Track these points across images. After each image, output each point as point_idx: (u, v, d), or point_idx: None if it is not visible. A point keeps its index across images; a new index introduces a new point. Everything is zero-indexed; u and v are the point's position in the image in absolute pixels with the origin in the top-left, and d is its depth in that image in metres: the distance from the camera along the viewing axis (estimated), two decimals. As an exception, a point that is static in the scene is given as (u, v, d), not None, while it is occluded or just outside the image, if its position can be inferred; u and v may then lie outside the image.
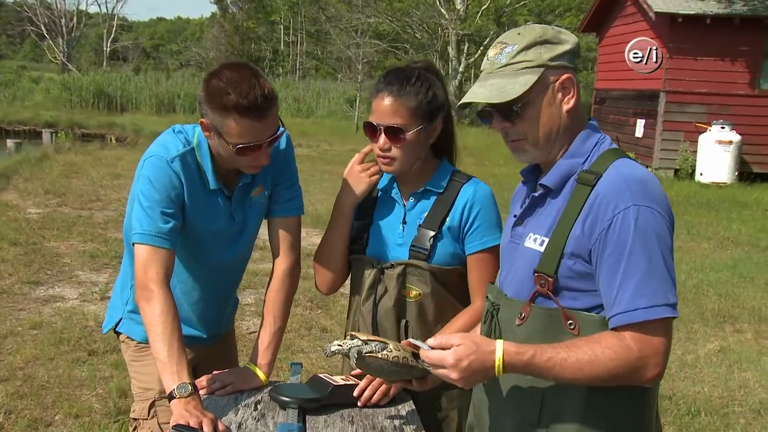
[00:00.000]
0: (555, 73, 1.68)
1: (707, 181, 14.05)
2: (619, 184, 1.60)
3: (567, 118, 1.70)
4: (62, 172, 12.88)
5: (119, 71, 35.07)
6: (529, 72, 1.66)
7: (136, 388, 2.38)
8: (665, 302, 1.55)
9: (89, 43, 59.47)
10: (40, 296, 6.28)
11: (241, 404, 2.05)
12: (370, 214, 2.31)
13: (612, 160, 1.66)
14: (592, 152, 1.70)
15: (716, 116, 14.49)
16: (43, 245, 7.90)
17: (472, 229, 2.20)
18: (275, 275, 2.29)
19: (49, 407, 4.22)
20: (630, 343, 1.54)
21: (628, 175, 1.62)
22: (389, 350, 1.78)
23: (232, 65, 2.10)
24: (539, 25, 1.74)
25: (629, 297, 1.54)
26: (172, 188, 2.10)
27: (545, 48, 1.67)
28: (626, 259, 1.55)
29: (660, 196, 1.62)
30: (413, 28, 30.55)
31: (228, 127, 2.03)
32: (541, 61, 1.67)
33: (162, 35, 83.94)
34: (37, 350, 5.01)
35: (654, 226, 1.56)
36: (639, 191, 1.58)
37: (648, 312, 1.54)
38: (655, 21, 14.96)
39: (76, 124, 23.05)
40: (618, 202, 1.57)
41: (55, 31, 45.57)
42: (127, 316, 2.39)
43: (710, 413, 4.49)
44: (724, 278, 7.54)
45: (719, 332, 5.97)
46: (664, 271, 1.56)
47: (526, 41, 1.68)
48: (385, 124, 2.13)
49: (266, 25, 49.91)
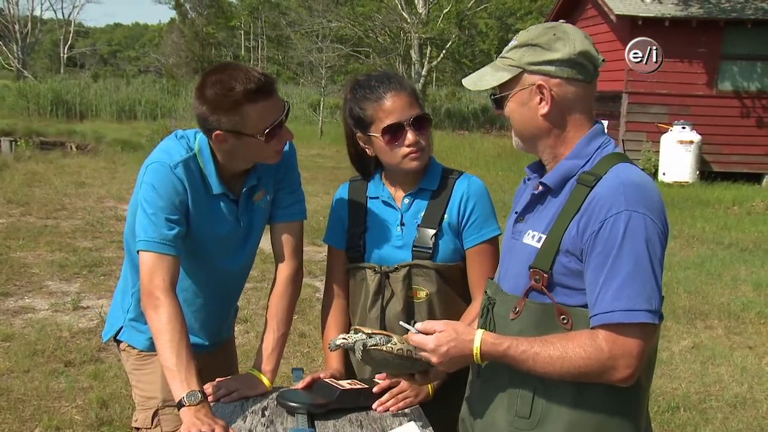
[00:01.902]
0: (530, 77, 1.71)
1: (670, 181, 14.29)
2: (615, 187, 1.62)
3: (544, 122, 1.73)
4: (24, 181, 12.61)
5: (77, 78, 34.47)
6: (506, 70, 1.75)
7: (138, 397, 2.35)
8: (646, 308, 1.57)
9: (44, 49, 58.34)
10: (10, 307, 6.14)
11: (248, 411, 2.04)
12: (363, 222, 2.30)
13: (613, 163, 1.69)
14: (595, 154, 1.73)
15: (677, 117, 14.75)
16: (9, 256, 7.73)
17: (470, 222, 2.22)
18: (278, 281, 2.28)
19: (27, 420, 4.13)
20: (602, 344, 1.58)
21: (626, 179, 1.64)
22: (393, 343, 1.80)
23: (213, 70, 2.10)
24: (547, 26, 1.75)
25: (609, 298, 1.57)
26: (175, 194, 2.08)
27: (531, 51, 1.70)
28: (612, 260, 1.58)
29: (655, 204, 1.63)
30: (375, 32, 30.57)
31: (247, 119, 2.03)
32: (519, 63, 1.72)
33: (119, 41, 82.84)
34: (11, 363, 4.90)
35: (644, 232, 1.58)
36: (634, 197, 1.60)
37: (626, 315, 1.57)
38: (616, 23, 15.20)
39: (35, 132, 22.58)
40: (612, 205, 1.60)
41: (9, 37, 44.67)
42: (128, 324, 2.35)
43: (689, 409, 4.57)
44: (692, 276, 7.68)
45: (691, 329, 6.08)
46: (649, 277, 1.58)
47: (520, 40, 1.75)
48: (411, 117, 2.16)
49: (226, 31, 49.53)
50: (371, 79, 2.21)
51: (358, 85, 2.22)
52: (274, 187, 2.30)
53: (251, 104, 2.00)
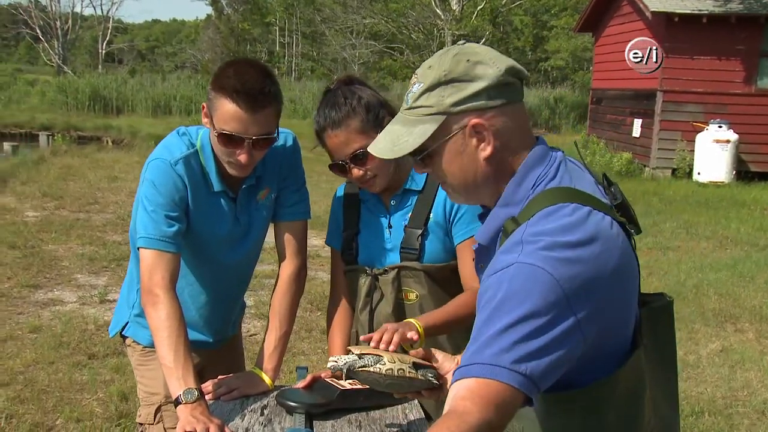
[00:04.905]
0: (459, 119, 1.42)
1: (705, 181, 14.04)
2: (515, 238, 1.36)
3: (487, 166, 1.45)
4: (59, 175, 12.84)
5: (115, 73, 34.95)
6: (427, 121, 1.43)
7: (142, 393, 2.36)
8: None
9: (84, 45, 59.25)
10: (39, 300, 6.25)
11: (247, 409, 2.03)
12: (356, 224, 2.30)
13: (540, 207, 1.38)
14: (529, 196, 1.43)
15: (713, 115, 14.48)
16: (42, 248, 7.87)
17: (458, 217, 2.19)
18: (281, 279, 2.28)
19: (50, 411, 4.20)
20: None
21: (534, 229, 1.35)
22: (383, 363, 1.70)
23: (249, 60, 2.14)
24: (454, 53, 1.44)
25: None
26: (176, 191, 2.08)
27: (450, 89, 1.41)
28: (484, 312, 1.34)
29: (567, 254, 1.30)
30: (409, 28, 30.55)
31: (219, 110, 2.01)
32: (442, 107, 1.42)
33: (157, 37, 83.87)
34: (37, 354, 4.98)
35: (527, 286, 1.29)
36: (532, 247, 1.31)
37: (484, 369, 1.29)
38: (651, 20, 14.96)
39: (72, 126, 23.01)
40: (508, 258, 1.33)
41: (50, 34, 45.46)
42: (133, 319, 2.37)
43: (714, 414, 4.47)
44: (724, 278, 7.53)
45: (721, 332, 5.96)
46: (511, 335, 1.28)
47: (430, 80, 1.43)
48: (348, 156, 2.12)
49: (261, 27, 49.79)
50: (321, 109, 2.16)
51: (319, 104, 2.18)
52: (278, 186, 2.29)
53: (228, 99, 1.98)
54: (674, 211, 11.39)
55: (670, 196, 12.71)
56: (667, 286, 7.10)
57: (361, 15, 30.14)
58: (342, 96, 2.13)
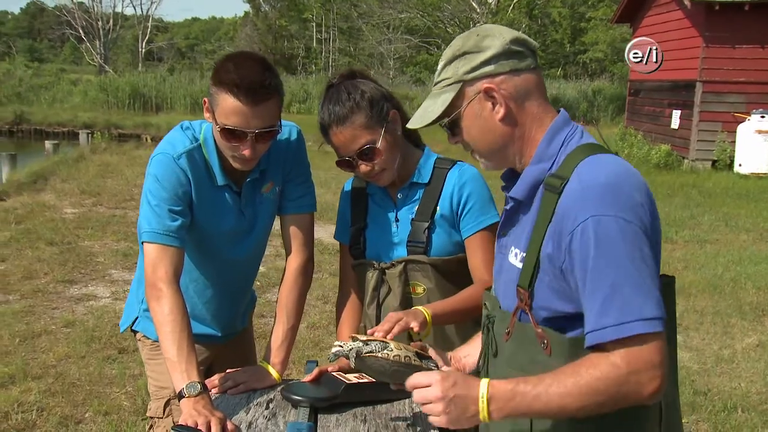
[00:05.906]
0: (473, 85, 1.59)
1: (746, 172, 13.73)
2: (578, 192, 1.47)
3: (504, 126, 1.60)
4: (98, 172, 13.07)
5: (154, 71, 35.42)
6: (447, 90, 1.62)
7: (152, 387, 2.38)
8: (638, 317, 1.40)
9: (125, 44, 60.18)
10: (74, 295, 6.37)
11: (252, 403, 2.03)
12: (364, 218, 2.29)
13: (579, 160, 1.52)
14: (560, 153, 1.58)
15: (755, 105, 14.14)
16: (78, 244, 8.02)
17: (466, 211, 2.17)
18: (287, 273, 2.27)
19: (79, 405, 4.27)
20: (616, 359, 1.41)
21: (589, 180, 1.48)
22: (390, 350, 1.72)
23: (248, 53, 2.13)
24: (467, 33, 1.65)
25: (596, 315, 1.42)
26: (179, 185, 2.09)
27: (463, 61, 1.60)
28: (589, 275, 1.43)
29: (628, 200, 1.45)
30: (444, 22, 30.41)
31: (220, 105, 2.01)
32: (457, 76, 1.60)
33: (196, 35, 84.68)
34: (70, 348, 5.07)
35: (618, 235, 1.42)
36: (598, 199, 1.44)
37: (617, 330, 1.40)
38: (690, 9, 14.64)
39: (113, 124, 23.44)
40: (577, 215, 1.45)
41: (93, 34, 46.29)
42: (142, 314, 2.38)
43: (747, 410, 4.37)
44: (764, 270, 7.35)
45: (758, 326, 5.82)
46: (637, 281, 1.41)
47: (447, 57, 1.63)
48: (354, 152, 2.11)
49: (299, 23, 50.00)
50: (324, 105, 2.15)
51: (323, 99, 2.17)
52: (282, 179, 2.28)
53: (229, 94, 1.98)
54: (713, 203, 11.15)
55: (710, 189, 12.45)
56: (703, 280, 6.96)
57: (397, 10, 30.11)
58: (345, 91, 2.11)
